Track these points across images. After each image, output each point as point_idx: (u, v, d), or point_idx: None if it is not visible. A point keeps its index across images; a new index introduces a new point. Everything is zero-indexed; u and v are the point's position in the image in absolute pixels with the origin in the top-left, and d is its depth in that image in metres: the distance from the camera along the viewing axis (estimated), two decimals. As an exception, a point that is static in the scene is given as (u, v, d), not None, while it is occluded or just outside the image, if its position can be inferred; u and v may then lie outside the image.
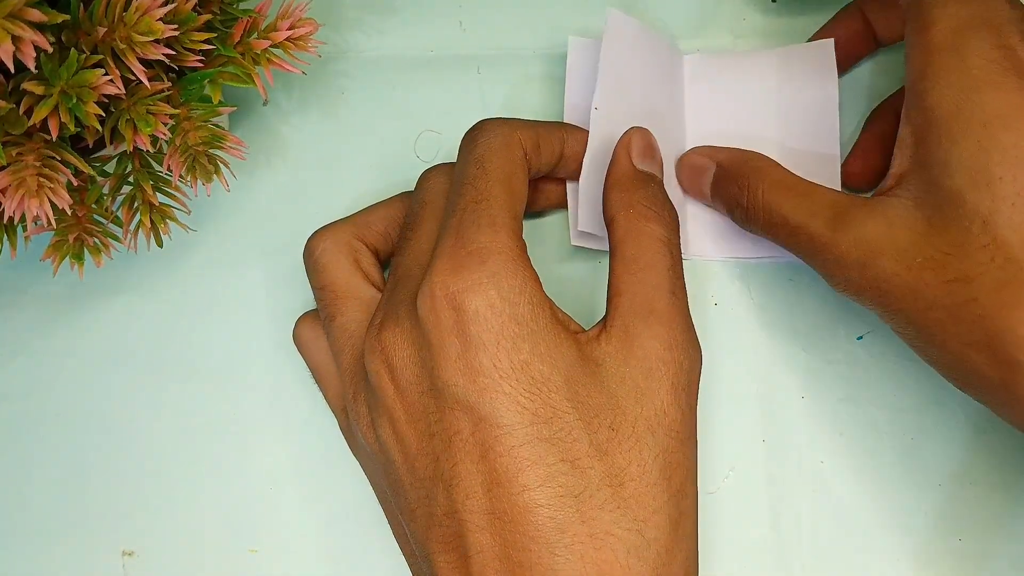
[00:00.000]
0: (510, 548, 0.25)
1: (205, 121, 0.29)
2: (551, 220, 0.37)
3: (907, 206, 0.27)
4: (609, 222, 0.30)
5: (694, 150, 0.35)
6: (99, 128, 0.27)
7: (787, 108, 0.36)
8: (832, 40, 0.35)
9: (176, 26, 0.27)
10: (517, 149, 0.30)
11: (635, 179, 0.31)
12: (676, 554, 0.26)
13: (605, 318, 0.29)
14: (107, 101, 0.27)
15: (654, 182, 0.32)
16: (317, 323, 0.33)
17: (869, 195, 0.30)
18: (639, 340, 0.28)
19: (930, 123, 0.27)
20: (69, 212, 0.28)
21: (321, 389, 0.33)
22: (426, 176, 0.33)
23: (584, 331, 0.28)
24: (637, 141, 0.32)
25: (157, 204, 0.30)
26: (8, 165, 0.26)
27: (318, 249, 0.32)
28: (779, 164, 0.32)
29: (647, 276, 0.29)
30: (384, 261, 0.34)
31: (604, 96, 0.33)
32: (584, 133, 0.33)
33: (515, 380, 0.26)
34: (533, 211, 0.36)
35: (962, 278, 0.26)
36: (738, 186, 0.32)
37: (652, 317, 0.28)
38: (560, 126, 0.33)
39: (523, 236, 0.28)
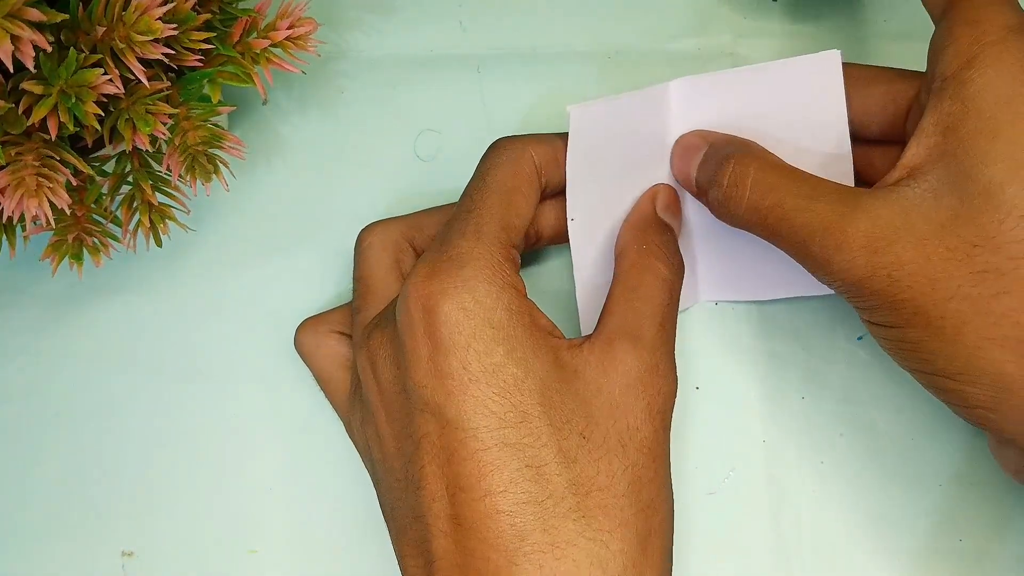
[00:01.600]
0: (470, 556, 0.25)
1: (204, 121, 0.29)
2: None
3: (926, 195, 0.26)
4: (619, 255, 0.31)
5: (689, 132, 0.33)
6: (98, 128, 0.27)
7: (791, 128, 0.33)
8: (838, 51, 0.32)
9: (175, 25, 0.27)
10: (527, 164, 0.30)
11: (654, 223, 0.32)
12: (645, 570, 0.26)
13: (594, 333, 0.29)
14: (106, 101, 0.27)
15: (671, 232, 0.32)
16: (317, 330, 0.33)
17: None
18: (621, 356, 0.28)
19: (970, 112, 0.26)
20: (68, 212, 0.28)
21: (326, 394, 0.33)
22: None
23: (568, 340, 0.28)
24: (663, 195, 0.33)
25: (156, 204, 0.30)
26: (7, 165, 0.26)
27: (365, 242, 0.32)
28: (763, 150, 0.31)
29: (642, 305, 0.29)
30: None
31: (577, 205, 0.31)
32: None
33: (485, 384, 0.26)
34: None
35: (993, 270, 0.25)
36: (724, 161, 0.30)
37: (639, 341, 0.28)
38: None
39: (513, 248, 0.28)
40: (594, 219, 0.32)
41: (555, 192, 0.32)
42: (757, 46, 0.38)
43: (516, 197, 0.29)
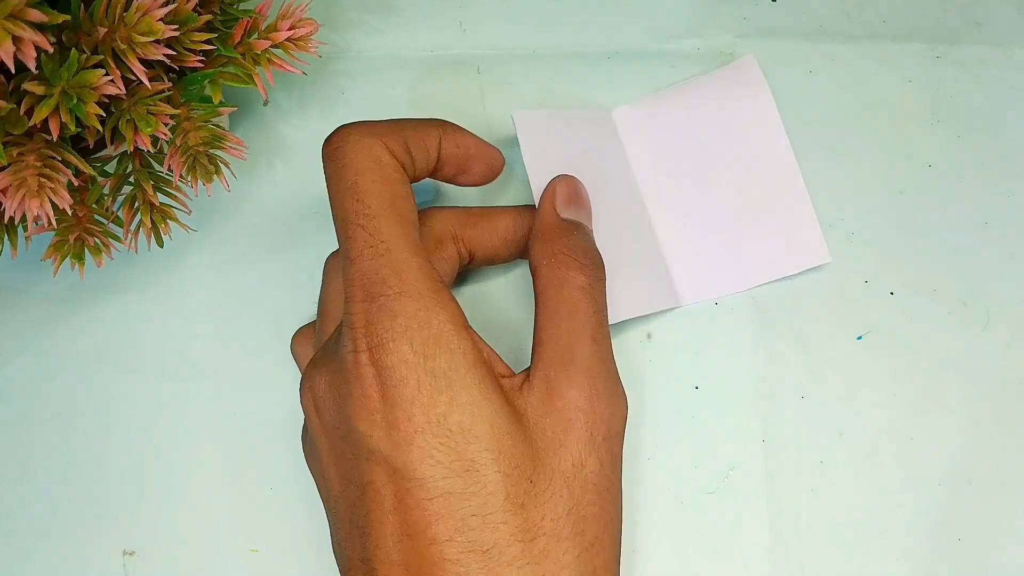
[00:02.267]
0: None
1: (205, 121, 0.30)
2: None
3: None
4: (533, 272, 0.30)
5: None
6: (100, 128, 0.27)
7: (731, 132, 0.36)
8: (752, 55, 0.36)
9: (176, 26, 0.27)
10: (387, 161, 0.28)
11: (558, 228, 0.30)
12: None
13: (529, 367, 0.28)
14: (108, 101, 0.27)
15: (578, 230, 0.31)
16: (310, 337, 0.33)
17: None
18: (559, 391, 0.27)
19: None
20: (70, 212, 0.28)
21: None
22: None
23: (512, 375, 0.28)
24: (561, 190, 0.31)
25: (158, 204, 0.30)
26: (9, 165, 0.26)
27: (327, 265, 0.32)
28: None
29: (569, 324, 0.28)
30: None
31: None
32: (465, 136, 0.31)
33: (430, 434, 0.25)
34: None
35: None
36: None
37: (572, 366, 0.28)
38: (433, 124, 0.31)
39: (430, 258, 0.28)
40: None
41: (414, 174, 0.30)
42: (757, 46, 0.38)
43: (401, 205, 0.28)
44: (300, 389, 0.29)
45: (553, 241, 0.30)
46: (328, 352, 0.28)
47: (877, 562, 0.33)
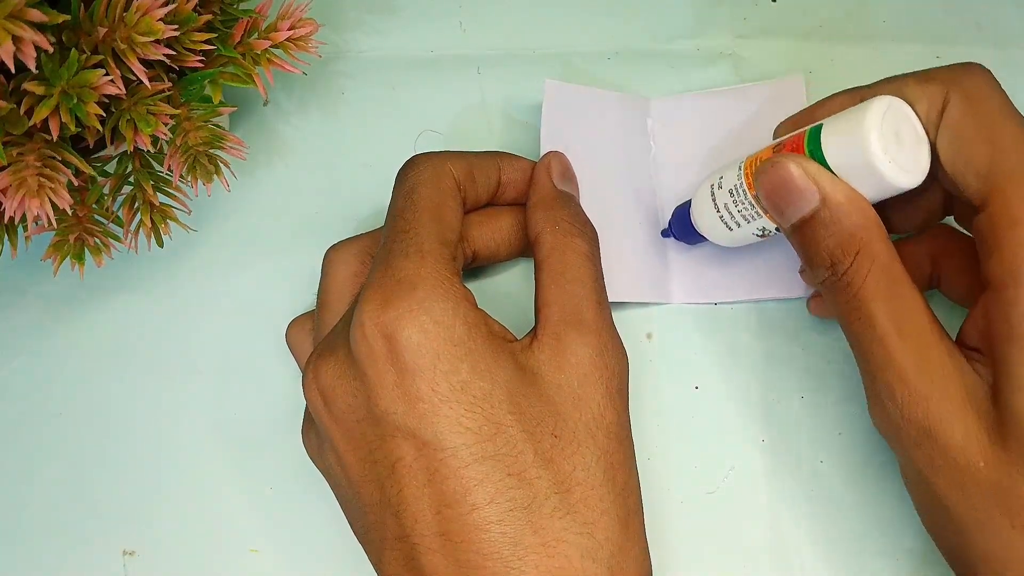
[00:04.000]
0: (465, 567, 0.25)
1: (205, 121, 0.30)
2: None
3: None
4: (535, 239, 0.31)
5: (791, 157, 0.28)
6: (100, 128, 0.27)
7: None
8: (801, 76, 0.36)
9: (176, 26, 0.27)
10: (447, 179, 0.30)
11: (558, 198, 0.32)
12: (629, 550, 0.27)
13: (535, 329, 0.29)
14: (108, 101, 0.27)
15: (574, 201, 0.32)
16: (306, 325, 0.33)
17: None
18: (571, 348, 0.28)
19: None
20: (70, 212, 0.28)
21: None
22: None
23: (517, 340, 0.29)
24: (556, 164, 0.33)
25: (158, 204, 0.30)
26: (9, 165, 0.26)
27: (326, 259, 0.33)
28: (888, 238, 0.27)
29: (575, 288, 0.29)
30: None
31: None
32: (521, 160, 0.33)
33: (455, 402, 0.26)
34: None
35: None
36: (842, 251, 0.27)
37: (583, 326, 0.28)
38: (494, 155, 0.33)
39: (454, 262, 0.29)
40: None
41: (472, 207, 0.32)
42: (757, 46, 0.38)
43: (445, 212, 0.29)
44: (303, 381, 0.29)
45: (555, 209, 0.31)
46: (334, 340, 0.29)
47: (877, 562, 0.33)
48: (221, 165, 0.30)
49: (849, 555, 0.33)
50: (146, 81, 0.27)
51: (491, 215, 0.33)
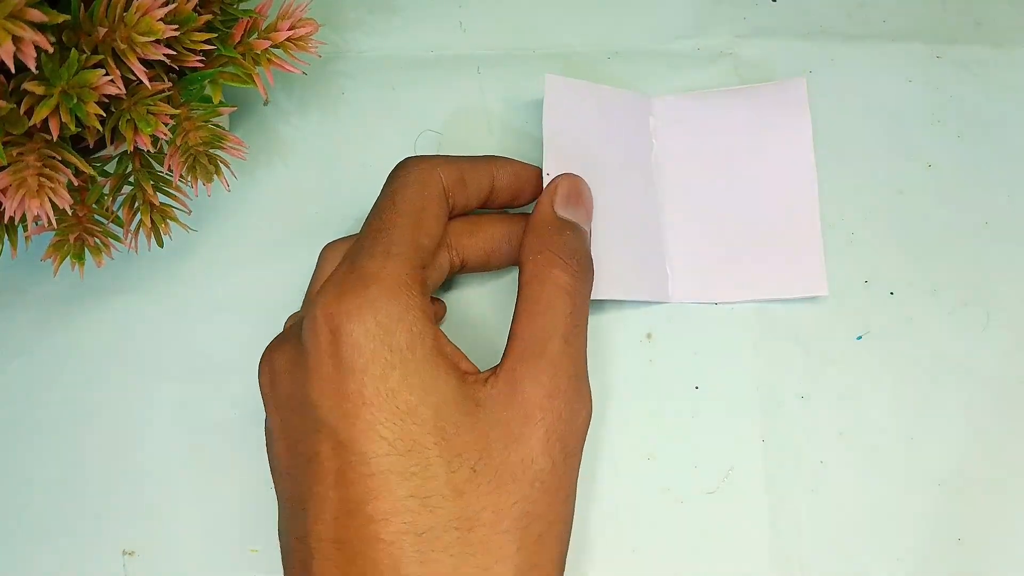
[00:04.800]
0: None
1: (205, 121, 0.30)
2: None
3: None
4: (520, 265, 0.30)
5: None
6: (100, 128, 0.27)
7: (761, 147, 0.36)
8: (803, 79, 0.36)
9: (176, 26, 0.27)
10: (434, 185, 0.30)
11: (550, 226, 0.31)
12: None
13: (500, 362, 0.28)
14: (108, 101, 0.27)
15: (571, 230, 0.31)
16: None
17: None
18: (522, 385, 0.27)
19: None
20: (70, 212, 0.28)
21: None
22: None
23: (477, 372, 0.28)
24: (562, 188, 0.32)
25: (158, 204, 0.30)
26: (9, 165, 0.26)
27: (320, 256, 0.32)
28: None
29: (542, 320, 0.28)
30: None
31: (553, 162, 0.33)
32: (514, 164, 0.33)
33: (377, 408, 0.25)
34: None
35: None
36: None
37: (540, 361, 0.27)
38: (489, 160, 0.32)
39: (423, 269, 0.28)
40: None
41: (461, 212, 0.32)
42: (757, 46, 0.38)
43: (425, 217, 0.29)
44: (259, 365, 0.29)
45: (543, 237, 0.30)
46: (292, 329, 0.29)
47: (877, 562, 0.33)
48: (221, 165, 0.30)
49: (849, 555, 0.33)
50: (146, 81, 0.27)
51: (482, 224, 0.33)
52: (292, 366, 0.27)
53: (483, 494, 0.26)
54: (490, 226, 0.33)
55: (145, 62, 0.27)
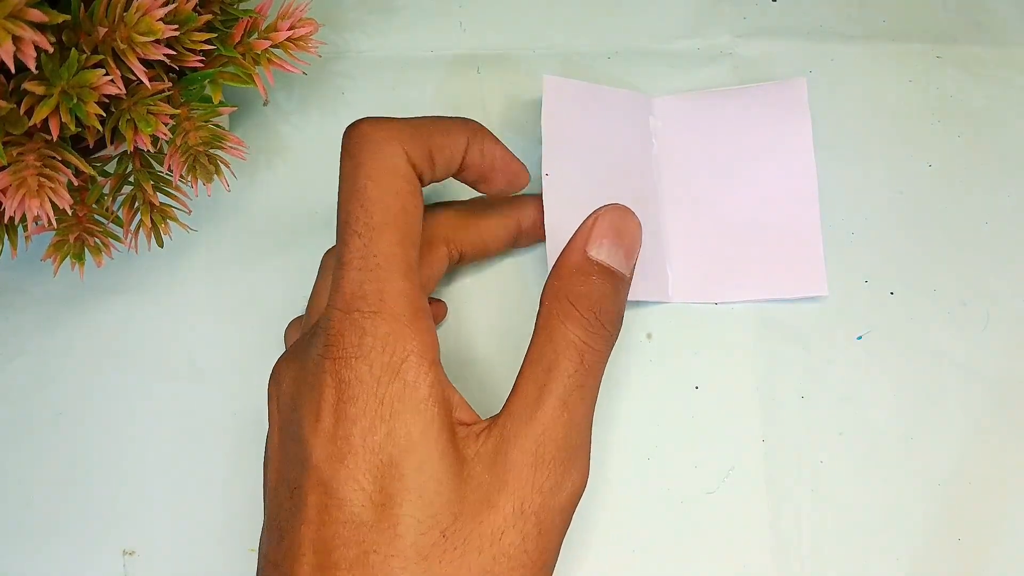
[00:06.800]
0: None
1: (205, 121, 0.30)
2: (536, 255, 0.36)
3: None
4: (539, 308, 0.28)
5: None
6: (100, 128, 0.27)
7: (761, 146, 0.36)
8: (804, 79, 0.36)
9: (176, 26, 0.27)
10: (403, 171, 0.27)
11: (576, 269, 0.27)
12: None
13: (496, 416, 0.27)
14: (108, 101, 0.27)
15: (600, 275, 0.27)
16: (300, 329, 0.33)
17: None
18: (508, 448, 0.25)
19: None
20: (70, 212, 0.28)
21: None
22: None
23: (474, 423, 0.26)
24: (602, 223, 0.28)
25: (158, 204, 0.30)
26: (9, 165, 0.26)
27: (323, 261, 0.32)
28: None
29: (543, 379, 0.26)
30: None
31: (552, 162, 0.33)
32: (490, 142, 0.30)
33: (360, 458, 0.25)
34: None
35: None
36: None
37: (530, 426, 0.26)
38: (462, 129, 0.29)
39: (420, 283, 0.27)
40: (569, 178, 0.33)
41: (433, 180, 0.29)
42: (757, 46, 0.38)
43: (407, 219, 0.27)
44: (270, 377, 0.29)
45: (564, 281, 0.27)
46: (301, 348, 0.28)
47: (877, 562, 0.33)
48: (221, 165, 0.30)
49: (849, 555, 0.33)
50: (146, 81, 0.27)
51: (479, 215, 0.32)
52: (296, 392, 0.27)
53: (446, 562, 0.24)
54: (484, 217, 0.32)
55: (145, 62, 0.27)
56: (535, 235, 0.33)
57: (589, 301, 0.27)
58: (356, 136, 0.27)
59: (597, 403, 0.28)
